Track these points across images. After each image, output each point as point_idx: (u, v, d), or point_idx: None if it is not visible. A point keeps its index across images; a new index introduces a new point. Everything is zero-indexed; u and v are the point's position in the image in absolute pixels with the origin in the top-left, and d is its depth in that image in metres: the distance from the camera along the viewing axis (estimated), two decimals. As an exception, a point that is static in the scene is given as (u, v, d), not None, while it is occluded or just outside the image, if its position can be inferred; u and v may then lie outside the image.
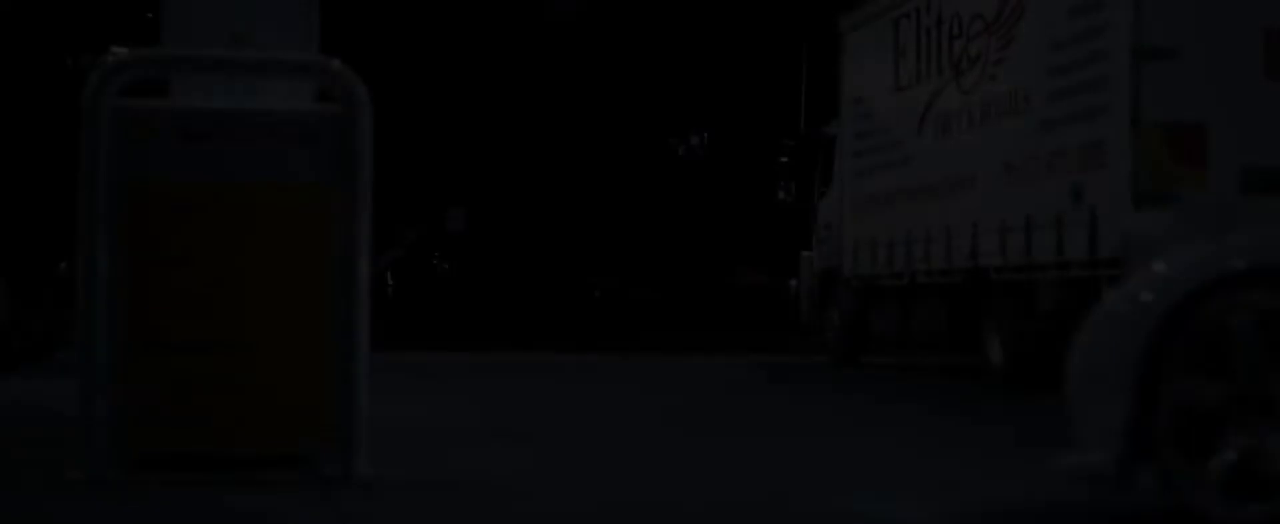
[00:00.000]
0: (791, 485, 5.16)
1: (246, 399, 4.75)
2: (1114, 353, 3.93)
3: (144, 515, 4.22)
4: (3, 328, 12.08)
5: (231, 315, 4.75)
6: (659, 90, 42.45)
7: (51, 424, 5.92)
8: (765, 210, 32.38)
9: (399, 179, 43.18)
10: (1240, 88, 9.69)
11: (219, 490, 4.57)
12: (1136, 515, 4.40)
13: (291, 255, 4.81)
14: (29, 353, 12.42)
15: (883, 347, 15.81)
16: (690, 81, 41.09)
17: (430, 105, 44.80)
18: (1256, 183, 9.63)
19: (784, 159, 16.91)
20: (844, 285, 15.55)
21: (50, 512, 4.26)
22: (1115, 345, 3.94)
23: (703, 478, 5.34)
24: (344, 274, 4.74)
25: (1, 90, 22.87)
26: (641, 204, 40.81)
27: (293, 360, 4.79)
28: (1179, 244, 4.27)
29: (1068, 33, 11.11)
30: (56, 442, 5.07)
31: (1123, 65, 10.28)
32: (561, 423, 7.62)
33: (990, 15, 12.44)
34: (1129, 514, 4.45)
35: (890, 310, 14.41)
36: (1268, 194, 9.53)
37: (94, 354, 4.64)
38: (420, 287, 41.90)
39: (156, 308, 4.72)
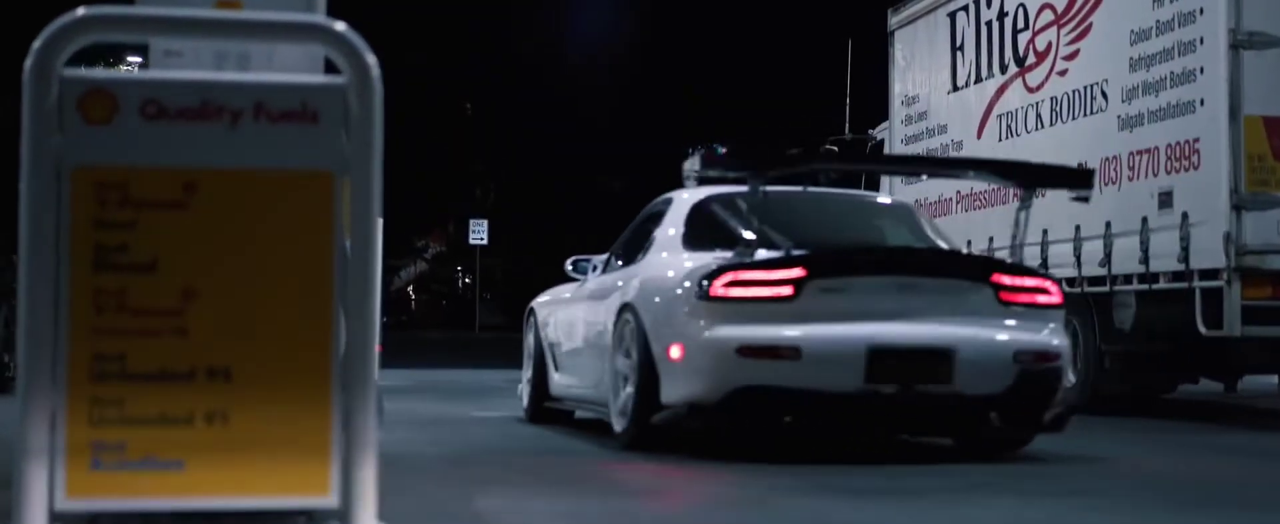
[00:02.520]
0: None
1: (228, 440, 3.80)
2: None
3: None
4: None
5: (210, 335, 3.80)
6: (684, 97, 41.62)
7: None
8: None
9: (421, 192, 42.46)
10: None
11: (190, 557, 3.66)
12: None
13: (285, 260, 3.86)
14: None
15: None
16: (717, 89, 40.23)
17: (453, 117, 44.00)
18: None
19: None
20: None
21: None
22: None
23: None
24: (351, 283, 3.80)
25: None
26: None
27: (286, 390, 3.84)
28: None
29: (1152, 21, 10.15)
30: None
31: (1218, 55, 9.36)
32: (600, 459, 6.65)
33: (1060, 5, 11.48)
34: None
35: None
36: None
37: (38, 383, 3.70)
38: (444, 300, 41.05)
39: (115, 326, 3.77)
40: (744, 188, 7.16)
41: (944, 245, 8.06)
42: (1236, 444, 8.91)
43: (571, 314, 8.42)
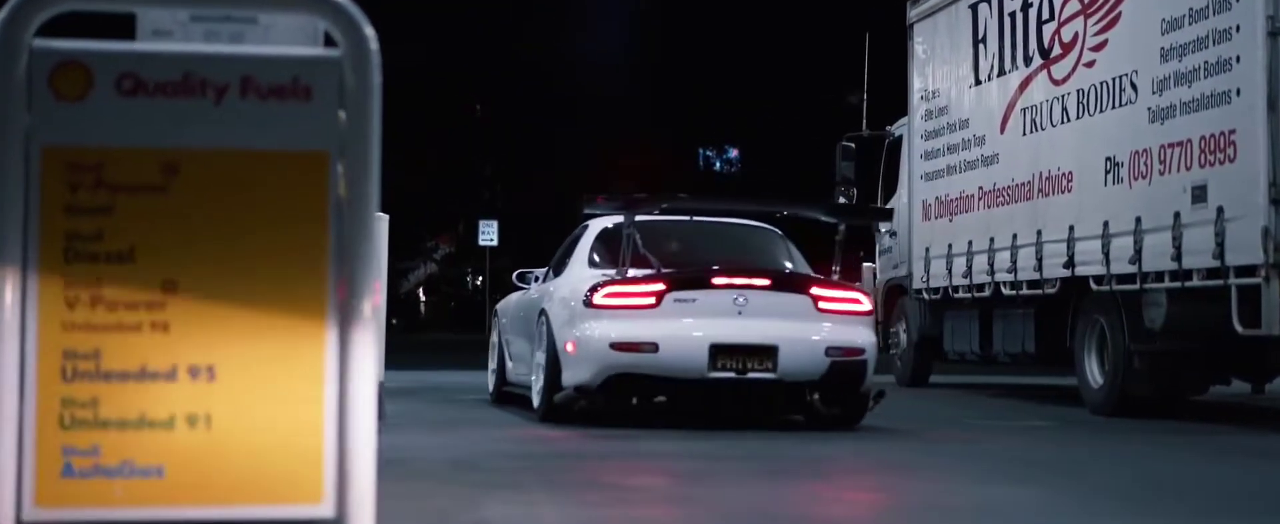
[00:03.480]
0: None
1: (212, 444, 3.49)
2: None
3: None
4: None
5: (192, 330, 3.49)
6: (697, 97, 41.30)
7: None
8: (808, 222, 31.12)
9: (431, 193, 42.19)
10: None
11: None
12: None
13: (276, 248, 3.55)
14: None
15: (955, 366, 14.53)
16: (731, 88, 39.91)
17: (463, 118, 43.70)
18: None
19: (845, 161, 15.58)
20: (913, 299, 14.28)
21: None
22: None
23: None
24: (348, 273, 3.48)
25: None
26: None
27: (276, 390, 3.52)
28: None
29: (1185, 9, 9.81)
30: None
31: (1255, 43, 9.03)
32: (611, 462, 6.33)
33: (1087, -6, 11.14)
34: None
35: (968, 326, 13.09)
36: None
37: (4, 383, 3.38)
38: (453, 302, 40.75)
39: (89, 321, 3.46)
40: (653, 217, 9.66)
41: (789, 266, 9.91)
42: (1268, 447, 8.60)
43: (516, 317, 10.55)
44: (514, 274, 11.20)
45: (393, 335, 33.47)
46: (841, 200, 15.48)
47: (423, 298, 39.19)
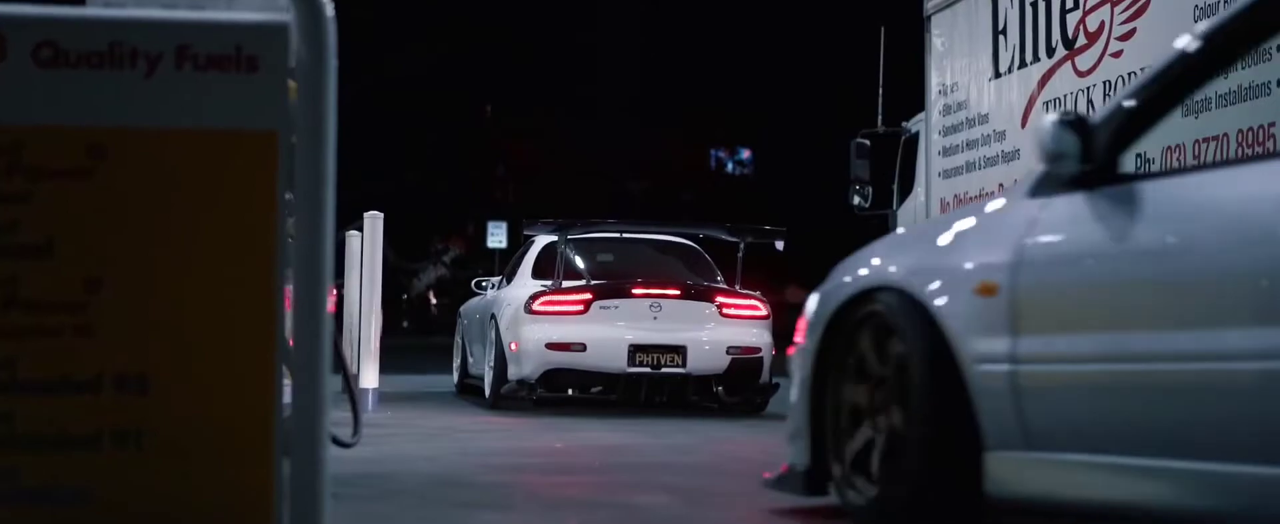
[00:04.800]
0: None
1: (143, 465, 3.06)
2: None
3: None
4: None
5: (121, 335, 3.06)
6: (708, 99, 40.88)
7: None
8: (818, 223, 30.65)
9: (440, 195, 41.81)
10: None
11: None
12: None
13: (217, 241, 3.12)
14: None
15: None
16: (741, 90, 39.49)
17: (473, 119, 43.33)
18: None
19: (859, 160, 15.11)
20: (931, 301, 13.78)
21: None
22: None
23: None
24: (300, 268, 3.04)
25: None
26: (687, 218, 39.25)
27: (217, 402, 3.09)
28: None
29: (1218, -5, 9.34)
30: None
31: (1295, 30, 8.50)
32: (620, 475, 5.88)
33: (1114, -19, 10.66)
34: None
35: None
36: None
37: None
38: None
39: (3, 324, 3.03)
40: (589, 235, 11.52)
41: (701, 277, 11.61)
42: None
43: (474, 320, 12.23)
44: (472, 281, 13.37)
45: (403, 337, 33.09)
46: (856, 199, 15.04)
47: (433, 301, 38.80)
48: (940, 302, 3.98)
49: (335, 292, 5.64)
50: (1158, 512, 3.48)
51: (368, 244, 9.71)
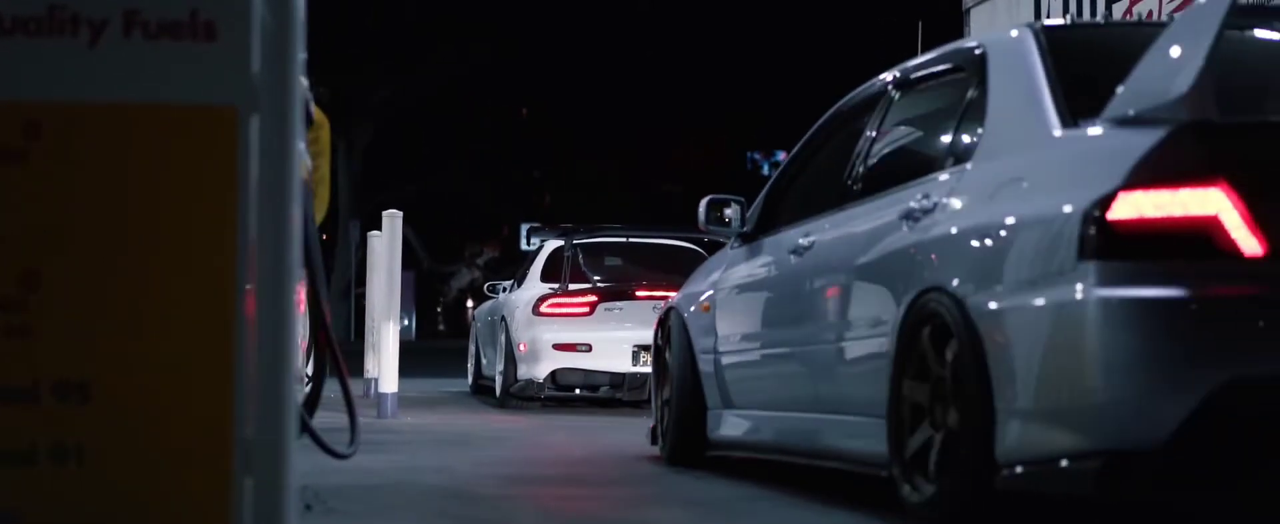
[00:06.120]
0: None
1: (84, 483, 2.71)
2: None
3: None
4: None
5: (60, 337, 2.71)
6: (744, 102, 40.50)
7: None
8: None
9: (477, 197, 41.57)
10: None
11: None
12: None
13: (169, 230, 2.76)
14: None
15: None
16: (779, 84, 39.09)
17: (510, 121, 43.09)
18: None
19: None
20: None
21: None
22: None
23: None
24: (263, 261, 2.69)
25: None
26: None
27: (168, 414, 2.74)
28: None
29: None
30: None
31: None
32: (636, 489, 5.52)
33: (1163, -32, 10.22)
34: None
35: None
36: None
37: None
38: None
39: (-75, 324, 2.68)
40: (596, 239, 12.09)
41: None
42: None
43: (487, 322, 12.58)
44: (486, 285, 14.08)
45: (439, 340, 32.76)
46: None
47: (470, 304, 38.51)
48: (687, 315, 6.16)
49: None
50: (773, 449, 5.27)
51: (387, 245, 9.38)
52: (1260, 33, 4.31)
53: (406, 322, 44.55)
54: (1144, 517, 4.37)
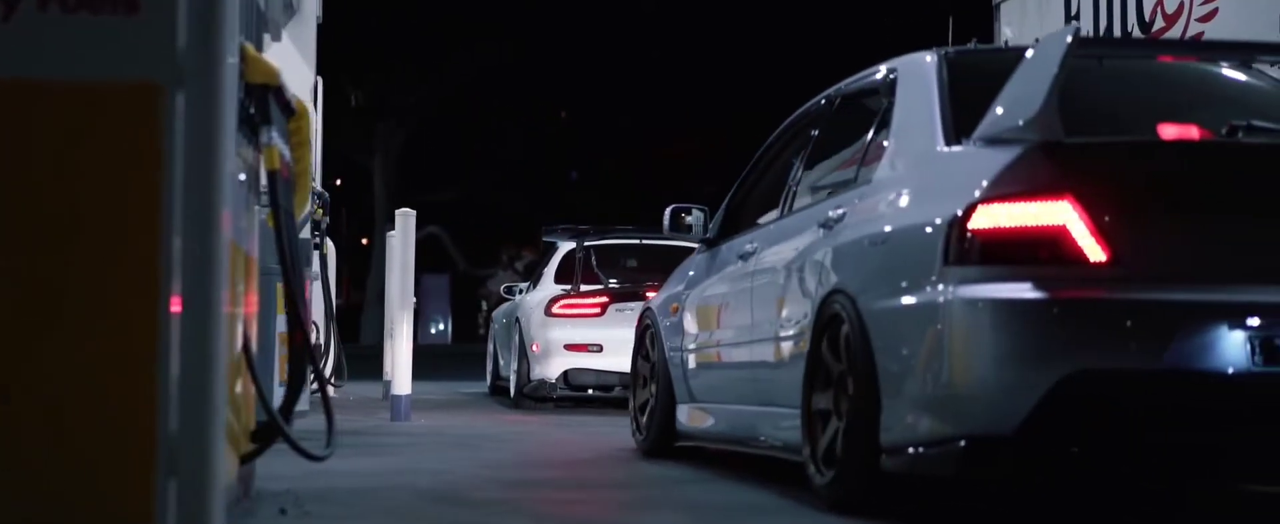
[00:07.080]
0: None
1: (2, 485, 2.52)
2: None
3: None
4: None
5: (-29, 331, 2.53)
6: (780, 91, 40.26)
7: None
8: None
9: (512, 199, 41.48)
10: None
11: None
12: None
13: (89, 216, 2.58)
14: None
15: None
16: (809, 78, 38.86)
17: (548, 124, 43.02)
18: None
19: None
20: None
21: None
22: None
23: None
24: (190, 255, 2.49)
25: None
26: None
27: (90, 416, 2.55)
28: None
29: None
30: None
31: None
32: (638, 492, 5.33)
33: (1196, -44, 9.96)
34: None
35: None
36: None
37: None
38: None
39: None
40: (609, 241, 12.05)
41: None
42: None
43: (502, 323, 12.83)
44: (501, 287, 14.20)
45: (479, 343, 32.76)
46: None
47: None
48: (660, 316, 6.55)
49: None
50: (726, 440, 5.59)
51: (401, 242, 9.19)
52: (1109, 62, 4.77)
53: (442, 325, 44.48)
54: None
